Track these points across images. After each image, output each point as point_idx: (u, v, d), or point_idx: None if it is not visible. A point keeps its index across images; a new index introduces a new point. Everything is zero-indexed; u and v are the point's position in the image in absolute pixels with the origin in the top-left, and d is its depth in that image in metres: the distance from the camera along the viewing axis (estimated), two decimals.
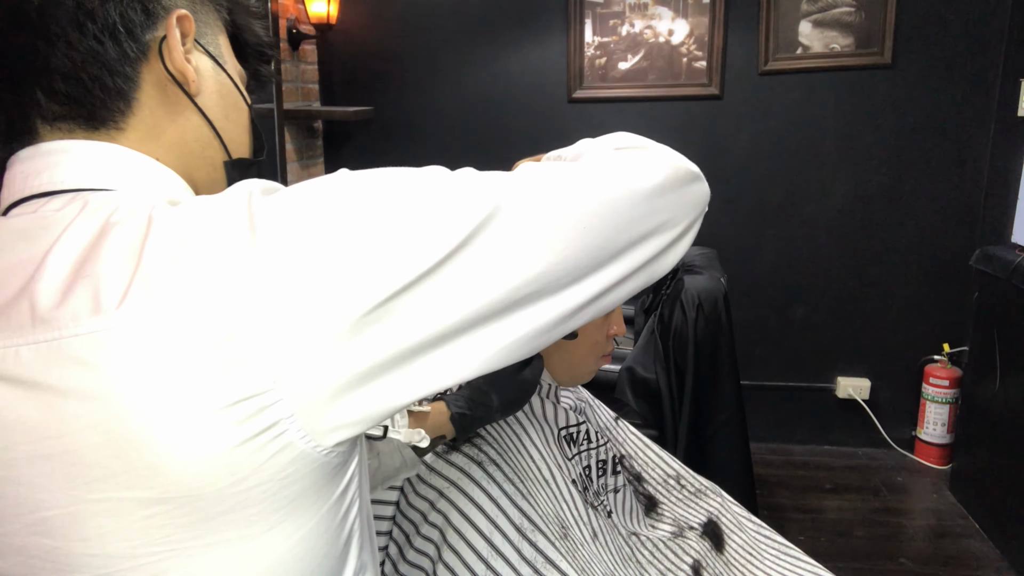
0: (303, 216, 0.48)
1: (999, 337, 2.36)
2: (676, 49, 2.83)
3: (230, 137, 0.63)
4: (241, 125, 0.65)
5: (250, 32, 0.65)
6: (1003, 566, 2.26)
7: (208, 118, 0.61)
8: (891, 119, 2.76)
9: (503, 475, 0.87)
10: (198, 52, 0.60)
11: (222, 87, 0.62)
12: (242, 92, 0.64)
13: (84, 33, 0.53)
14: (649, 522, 1.07)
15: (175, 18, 0.57)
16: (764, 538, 1.10)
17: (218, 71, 0.62)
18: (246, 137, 0.66)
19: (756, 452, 2.18)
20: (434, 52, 2.98)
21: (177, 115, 0.59)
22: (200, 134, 0.61)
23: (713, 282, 1.94)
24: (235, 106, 0.64)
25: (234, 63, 0.65)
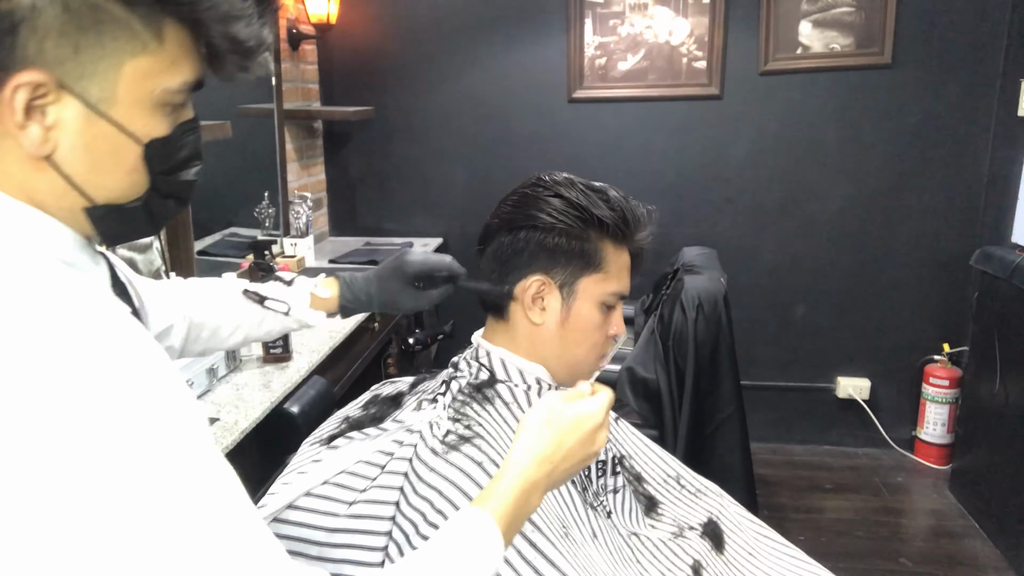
0: None
1: (999, 337, 2.36)
2: (676, 49, 2.83)
3: (99, 185, 0.59)
4: (119, 171, 0.59)
5: (220, 37, 0.59)
6: (1003, 566, 2.26)
7: (65, 174, 0.57)
8: (891, 119, 2.76)
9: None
10: (66, 102, 0.55)
11: (95, 139, 0.57)
12: (130, 134, 0.58)
13: None
14: (649, 522, 1.07)
15: (12, 88, 0.53)
16: (764, 538, 1.10)
17: (94, 119, 0.56)
18: (127, 180, 0.60)
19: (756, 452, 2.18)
20: (434, 52, 2.98)
21: (21, 165, 0.56)
22: (53, 187, 0.57)
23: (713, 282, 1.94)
24: (112, 155, 0.58)
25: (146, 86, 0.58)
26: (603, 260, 0.98)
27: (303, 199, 2.75)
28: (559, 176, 1.01)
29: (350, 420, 1.02)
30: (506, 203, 1.02)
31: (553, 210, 0.97)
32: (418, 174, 3.10)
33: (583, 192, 0.98)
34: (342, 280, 1.05)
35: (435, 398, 0.98)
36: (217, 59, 0.61)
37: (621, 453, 1.11)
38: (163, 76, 0.58)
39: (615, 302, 1.01)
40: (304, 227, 2.74)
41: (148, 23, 0.56)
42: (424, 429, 0.92)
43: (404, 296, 1.04)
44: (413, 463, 0.89)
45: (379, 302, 1.05)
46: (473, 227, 1.06)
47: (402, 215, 3.15)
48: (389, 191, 3.14)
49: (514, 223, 0.99)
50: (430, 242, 3.03)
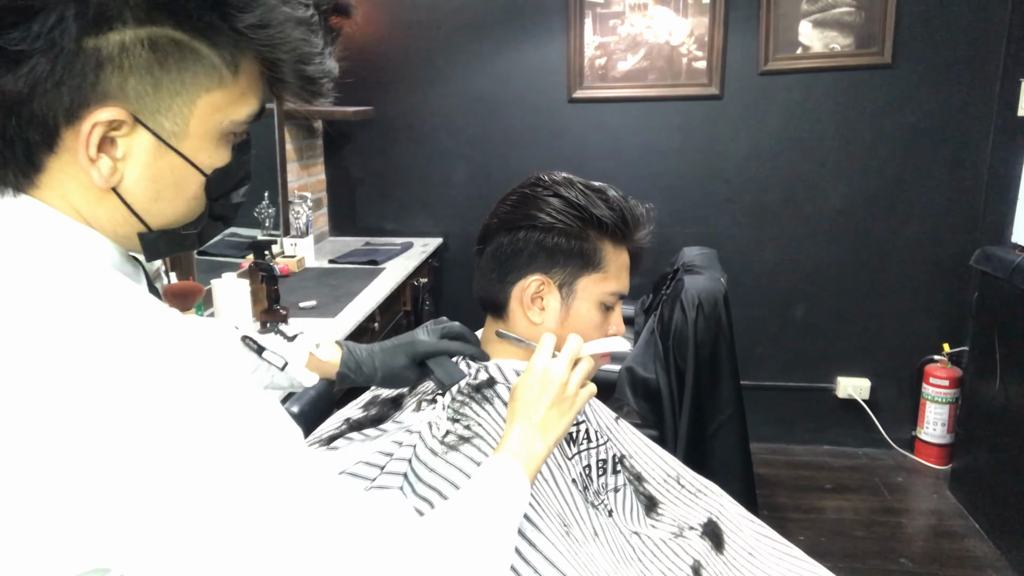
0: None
1: (999, 337, 2.36)
2: (676, 49, 2.83)
3: (158, 214, 0.60)
4: (180, 200, 0.60)
5: (292, 73, 0.59)
6: (1003, 566, 2.26)
7: (128, 203, 0.58)
8: (891, 119, 2.76)
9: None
10: (139, 134, 0.56)
11: (161, 170, 0.57)
12: (197, 166, 0.59)
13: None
14: (650, 522, 1.07)
15: (90, 123, 0.53)
16: (764, 538, 1.10)
17: (163, 151, 0.57)
18: (186, 208, 0.61)
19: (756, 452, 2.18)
20: (434, 52, 2.98)
21: (87, 192, 0.57)
22: (113, 215, 0.58)
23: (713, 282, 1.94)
24: (175, 185, 0.59)
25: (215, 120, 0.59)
26: (602, 260, 0.98)
27: (303, 199, 2.75)
28: (558, 176, 1.01)
29: (350, 421, 1.02)
30: (505, 203, 1.02)
31: (552, 210, 0.97)
32: (418, 174, 3.10)
33: (582, 192, 0.98)
34: (346, 347, 1.02)
35: (434, 399, 0.98)
36: (285, 91, 0.61)
37: (622, 453, 1.11)
38: (233, 109, 0.59)
39: (614, 302, 1.01)
40: (304, 227, 2.74)
41: (227, 59, 0.57)
42: (423, 430, 0.92)
43: (409, 372, 1.01)
44: (412, 464, 0.89)
45: (381, 377, 1.01)
46: (473, 227, 1.06)
47: (402, 215, 3.15)
48: (389, 191, 3.14)
49: (513, 223, 0.99)
50: (430, 242, 3.03)
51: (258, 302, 1.98)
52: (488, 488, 0.74)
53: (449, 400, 0.97)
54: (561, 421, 0.84)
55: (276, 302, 1.88)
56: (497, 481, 0.75)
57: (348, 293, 2.29)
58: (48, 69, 0.51)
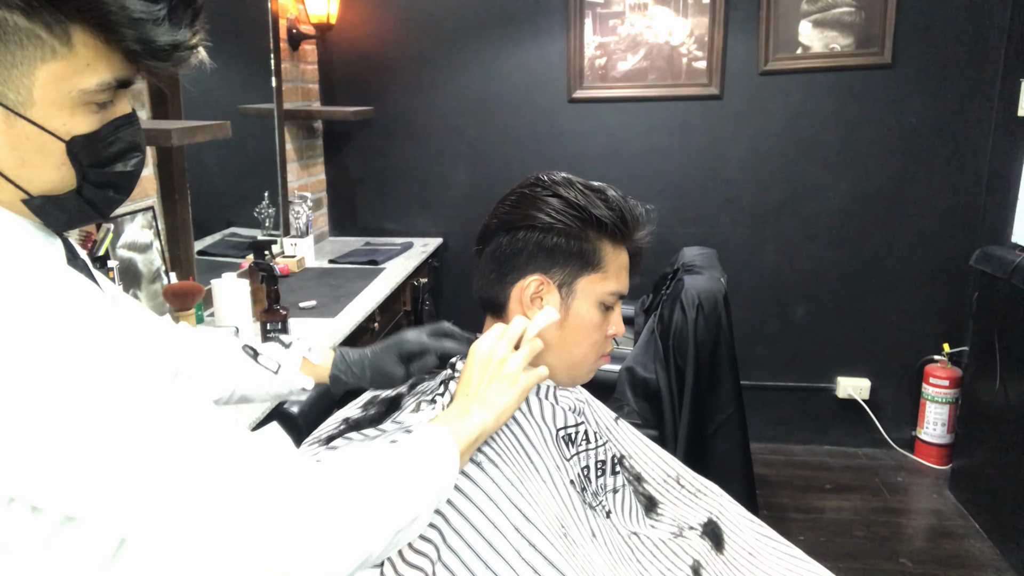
0: None
1: (999, 337, 2.36)
2: (676, 49, 2.83)
3: (32, 179, 0.63)
4: (48, 166, 0.63)
5: (133, 40, 0.61)
6: (1003, 566, 2.26)
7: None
8: (891, 119, 2.76)
9: (502, 476, 0.87)
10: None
11: (17, 138, 0.61)
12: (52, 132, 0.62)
13: None
14: (649, 522, 1.07)
15: None
16: (764, 538, 1.10)
17: (14, 120, 0.60)
18: (58, 174, 0.64)
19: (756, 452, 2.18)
20: (434, 52, 2.98)
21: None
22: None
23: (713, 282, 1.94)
24: (38, 152, 0.62)
25: (62, 87, 0.61)
26: (602, 260, 0.98)
27: (303, 199, 2.75)
28: (558, 176, 1.01)
29: (349, 421, 1.01)
30: (504, 203, 1.02)
31: (552, 210, 0.97)
32: (418, 174, 3.10)
33: (581, 192, 0.98)
34: (338, 351, 1.07)
35: (434, 399, 0.98)
36: (135, 61, 0.63)
37: (621, 453, 1.11)
38: (78, 78, 0.61)
39: (614, 302, 1.01)
40: (304, 227, 2.74)
41: (53, 31, 0.58)
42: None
43: (398, 369, 1.04)
44: None
45: (371, 379, 1.06)
46: (473, 227, 1.06)
47: (402, 215, 3.15)
48: (389, 191, 3.14)
49: (512, 223, 0.99)
50: (430, 242, 3.03)
51: (258, 302, 1.98)
52: (405, 448, 0.76)
53: (448, 400, 0.97)
54: (500, 398, 0.87)
55: (276, 302, 1.88)
56: (417, 442, 0.77)
57: (348, 293, 2.29)
58: None
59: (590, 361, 1.03)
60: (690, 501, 1.12)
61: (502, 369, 0.89)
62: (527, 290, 0.98)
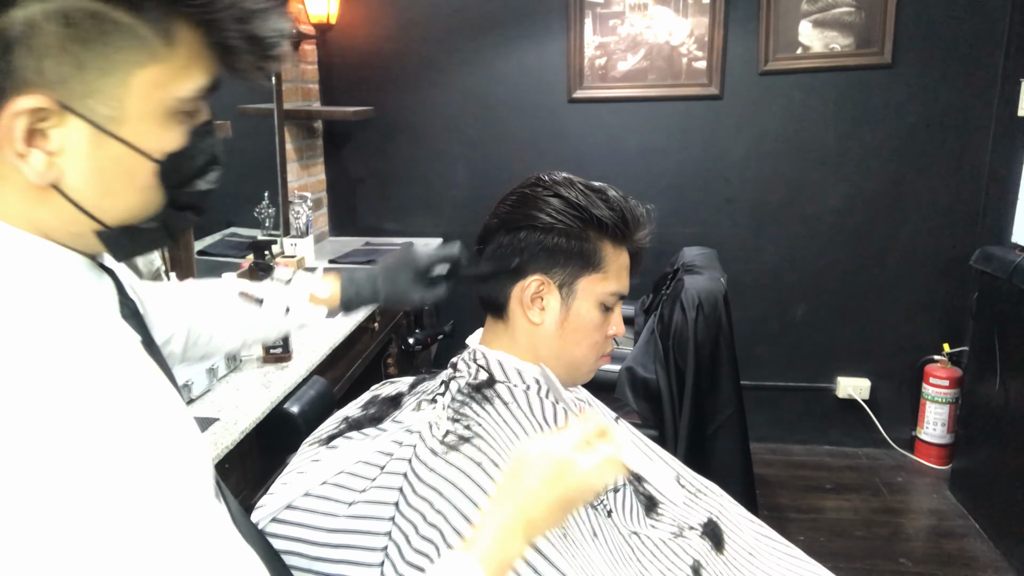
0: None
1: (999, 337, 2.36)
2: (676, 49, 2.83)
3: (111, 209, 0.54)
4: (132, 191, 0.54)
5: (238, 36, 0.54)
6: (1003, 566, 2.26)
7: (74, 200, 0.52)
8: (891, 119, 2.76)
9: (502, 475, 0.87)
10: (71, 124, 0.50)
11: (103, 160, 0.52)
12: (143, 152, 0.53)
13: None
14: (649, 522, 1.07)
15: (9, 115, 0.48)
16: (764, 538, 1.10)
17: (103, 140, 0.51)
18: (140, 200, 0.55)
19: (756, 452, 2.18)
20: (434, 52, 2.98)
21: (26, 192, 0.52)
22: (60, 212, 0.53)
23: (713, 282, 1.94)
24: (124, 176, 0.53)
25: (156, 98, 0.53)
26: (602, 260, 0.98)
27: (303, 199, 2.75)
28: (558, 176, 1.01)
29: (349, 420, 1.02)
30: (505, 203, 1.02)
31: (552, 210, 0.97)
32: (418, 174, 3.10)
33: (582, 192, 0.98)
34: (344, 275, 1.03)
35: (434, 398, 0.98)
36: (234, 59, 0.55)
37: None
38: (175, 84, 0.53)
39: (614, 302, 1.01)
40: (304, 227, 2.74)
41: (157, 28, 0.51)
42: (423, 429, 0.92)
43: (413, 289, 1.01)
44: (412, 463, 0.89)
45: (385, 295, 1.02)
46: (473, 227, 1.06)
47: (402, 215, 3.15)
48: (389, 191, 3.14)
49: (513, 223, 0.99)
50: (430, 242, 3.03)
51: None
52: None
53: (449, 400, 0.97)
54: (556, 521, 0.71)
55: None
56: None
57: None
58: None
59: (590, 361, 1.03)
60: (690, 501, 1.12)
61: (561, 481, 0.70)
62: (528, 290, 0.98)
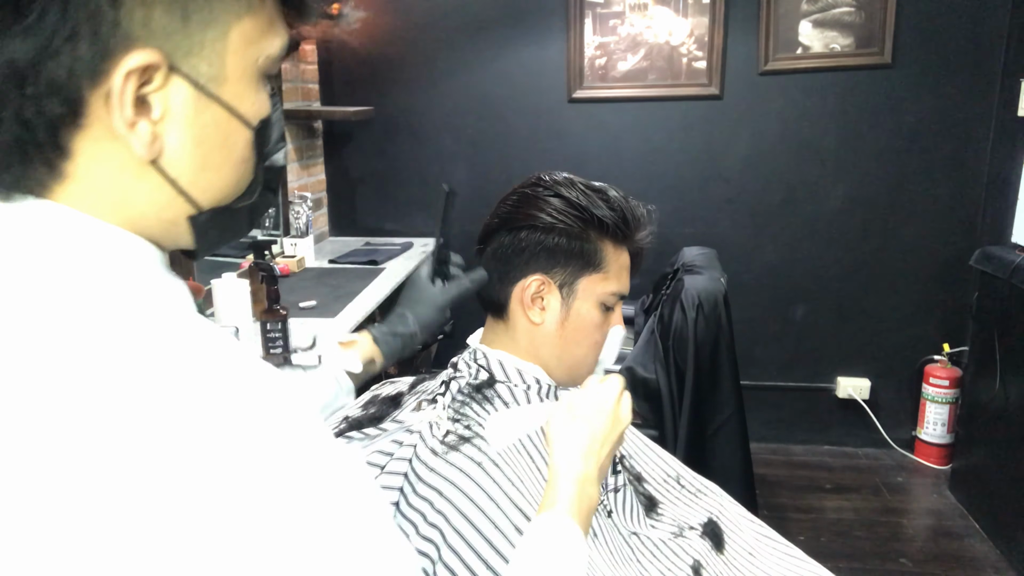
0: None
1: (999, 337, 2.36)
2: (676, 49, 2.83)
3: (207, 187, 0.49)
4: (229, 164, 0.49)
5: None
6: (1003, 566, 2.26)
7: (172, 179, 0.47)
8: (891, 119, 2.76)
9: (503, 475, 0.87)
10: (175, 86, 0.45)
11: (205, 128, 0.47)
12: (241, 116, 0.48)
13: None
14: (649, 522, 1.07)
15: (122, 75, 0.42)
16: (764, 538, 1.10)
17: (205, 104, 0.46)
18: (235, 176, 0.50)
19: (756, 452, 2.18)
20: (434, 52, 2.98)
21: (121, 175, 0.46)
22: (155, 197, 0.47)
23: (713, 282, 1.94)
24: (222, 146, 0.48)
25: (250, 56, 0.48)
26: (603, 260, 0.98)
27: (303, 199, 2.75)
28: (559, 176, 1.01)
29: (349, 420, 1.01)
30: (506, 203, 1.02)
31: (553, 210, 0.97)
32: (418, 174, 3.10)
33: (583, 192, 0.98)
34: (371, 334, 1.00)
35: (434, 398, 0.98)
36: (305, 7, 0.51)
37: (621, 453, 1.11)
38: (266, 41, 0.48)
39: (615, 302, 1.01)
40: (304, 227, 2.74)
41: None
42: (424, 429, 0.92)
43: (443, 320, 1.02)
44: (413, 463, 0.89)
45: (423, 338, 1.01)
46: (473, 227, 1.07)
47: (402, 215, 3.15)
48: (389, 191, 3.14)
49: (514, 223, 0.99)
50: (430, 242, 3.03)
51: (258, 302, 1.98)
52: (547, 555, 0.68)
53: (449, 400, 0.97)
54: (610, 460, 0.82)
55: (276, 302, 1.88)
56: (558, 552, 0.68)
57: (348, 293, 2.29)
58: (59, 15, 0.41)
59: (590, 361, 1.03)
60: (690, 501, 1.12)
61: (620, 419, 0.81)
62: (528, 290, 0.98)
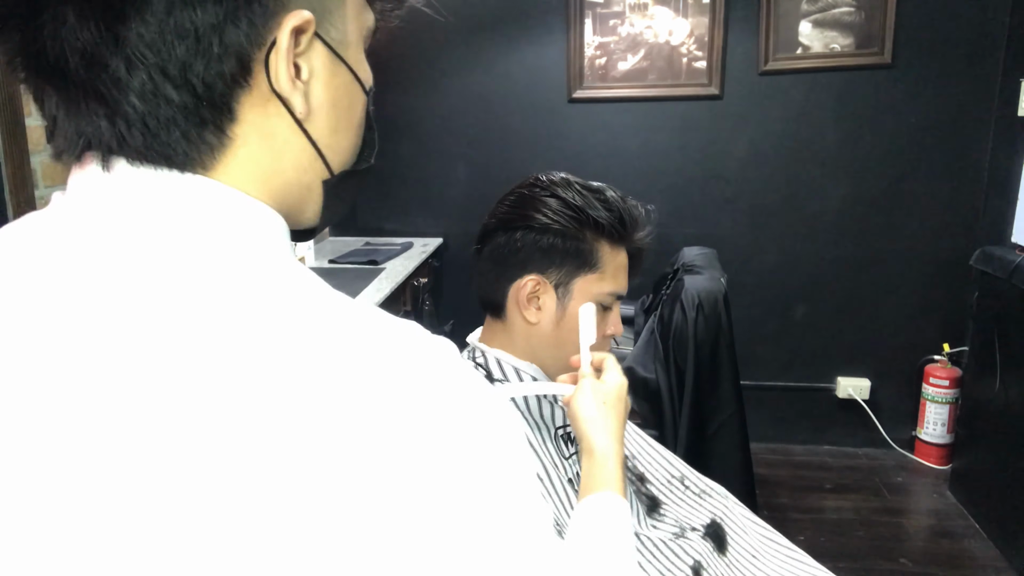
0: None
1: (999, 337, 2.36)
2: (676, 49, 2.83)
3: (338, 149, 0.49)
4: (352, 128, 0.50)
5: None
6: (1003, 566, 2.26)
7: (314, 140, 0.47)
8: (891, 119, 2.76)
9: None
10: (316, 48, 0.45)
11: (337, 90, 0.47)
12: (360, 81, 0.49)
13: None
14: (651, 522, 1.07)
15: (289, 32, 0.43)
16: (769, 541, 1.10)
17: (336, 67, 0.47)
18: (356, 140, 0.51)
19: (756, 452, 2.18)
20: (434, 52, 2.98)
21: (275, 139, 0.46)
22: (300, 159, 0.47)
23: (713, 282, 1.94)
24: (348, 108, 0.49)
25: (359, 25, 0.49)
26: (599, 260, 0.98)
27: None
28: (556, 176, 1.01)
29: None
30: (503, 203, 1.02)
31: (549, 210, 0.97)
32: (418, 174, 3.10)
33: (579, 192, 0.98)
34: None
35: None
36: None
37: (625, 453, 1.11)
38: (367, 12, 0.50)
39: (612, 302, 1.01)
40: None
41: None
42: None
43: None
44: None
45: None
46: (473, 227, 1.07)
47: (402, 215, 3.15)
48: (389, 191, 3.14)
49: (510, 223, 0.99)
50: (430, 242, 3.03)
51: None
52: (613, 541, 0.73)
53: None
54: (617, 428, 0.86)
55: None
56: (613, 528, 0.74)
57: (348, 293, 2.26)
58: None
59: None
60: (694, 502, 1.12)
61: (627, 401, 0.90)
62: (524, 290, 0.98)
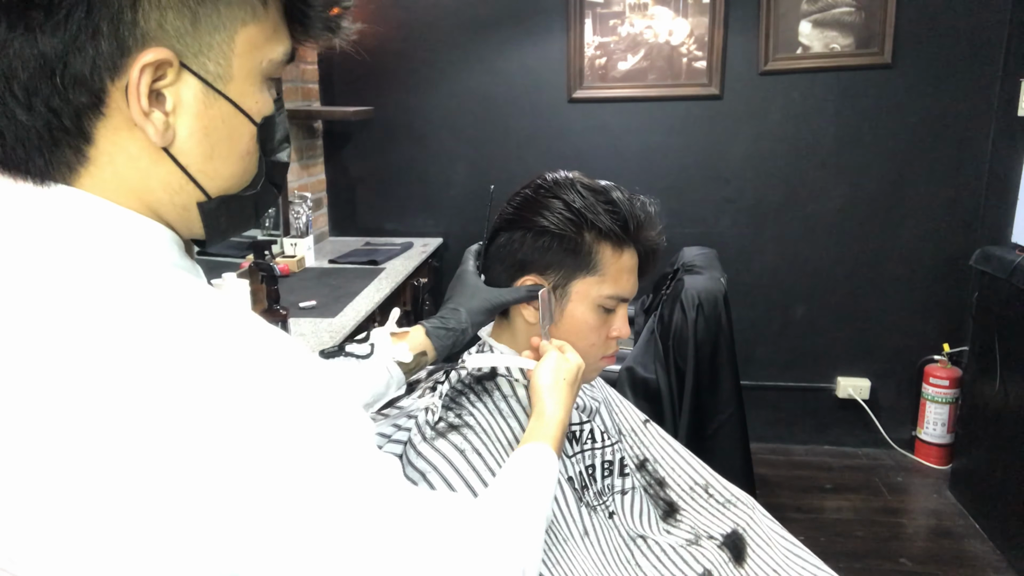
0: None
1: (999, 337, 2.36)
2: (676, 49, 2.83)
3: (214, 175, 0.55)
4: (234, 156, 0.56)
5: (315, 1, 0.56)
6: (1003, 566, 2.26)
7: (182, 165, 0.53)
8: (891, 119, 2.76)
9: (484, 464, 0.87)
10: (187, 81, 0.51)
11: (212, 120, 0.53)
12: (245, 112, 0.55)
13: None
14: (664, 527, 1.06)
15: (138, 69, 0.49)
16: (796, 558, 1.05)
17: (212, 99, 0.53)
18: (242, 166, 0.57)
19: (756, 452, 2.18)
20: (434, 52, 2.98)
21: (140, 160, 0.52)
22: (168, 181, 0.53)
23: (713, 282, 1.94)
24: (228, 138, 0.55)
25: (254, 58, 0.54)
26: (599, 263, 0.98)
27: (303, 199, 2.75)
28: (561, 176, 1.01)
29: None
30: (510, 204, 1.03)
31: (548, 212, 0.97)
32: (418, 174, 3.10)
33: (581, 194, 0.97)
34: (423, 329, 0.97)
35: (434, 386, 1.00)
36: (309, 23, 0.57)
37: (644, 456, 1.11)
38: (268, 46, 0.55)
39: (614, 305, 1.01)
40: (304, 227, 2.73)
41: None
42: (420, 415, 0.94)
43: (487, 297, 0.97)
44: (406, 448, 0.91)
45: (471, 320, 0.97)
46: (473, 227, 1.07)
47: (402, 215, 3.15)
48: (389, 191, 3.14)
49: (512, 224, 1.00)
50: (430, 242, 3.03)
51: (258, 302, 1.98)
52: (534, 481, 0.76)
53: (448, 388, 0.98)
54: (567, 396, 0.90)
55: (276, 302, 1.88)
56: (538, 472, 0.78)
57: (348, 293, 2.29)
58: (83, 15, 0.47)
59: (591, 362, 1.02)
60: (716, 511, 1.10)
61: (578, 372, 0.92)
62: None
